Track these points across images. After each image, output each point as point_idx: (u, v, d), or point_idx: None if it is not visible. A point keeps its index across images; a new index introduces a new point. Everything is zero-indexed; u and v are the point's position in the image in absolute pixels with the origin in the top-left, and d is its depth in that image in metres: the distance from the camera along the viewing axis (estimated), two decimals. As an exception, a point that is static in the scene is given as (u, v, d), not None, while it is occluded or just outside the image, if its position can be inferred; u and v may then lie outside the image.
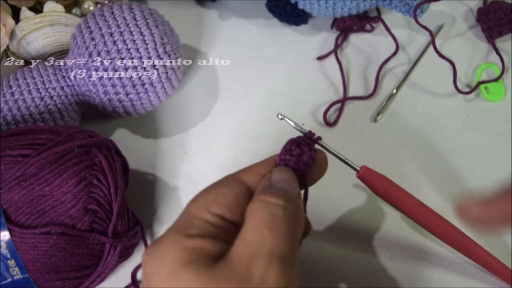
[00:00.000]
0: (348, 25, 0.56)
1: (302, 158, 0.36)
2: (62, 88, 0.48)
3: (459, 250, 0.43)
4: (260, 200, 0.32)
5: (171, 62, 0.47)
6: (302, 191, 0.37)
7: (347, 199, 0.48)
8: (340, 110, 0.53)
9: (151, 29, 0.47)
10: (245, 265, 0.29)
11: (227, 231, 0.33)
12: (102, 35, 0.46)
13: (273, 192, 0.32)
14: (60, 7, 0.53)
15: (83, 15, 0.57)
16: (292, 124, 0.39)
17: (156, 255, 0.31)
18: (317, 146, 0.38)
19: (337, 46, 0.56)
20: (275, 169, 0.35)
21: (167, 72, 0.47)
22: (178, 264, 0.30)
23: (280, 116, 0.39)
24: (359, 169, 0.41)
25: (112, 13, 0.47)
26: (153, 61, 0.46)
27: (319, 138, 0.38)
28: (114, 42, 0.46)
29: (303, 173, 0.36)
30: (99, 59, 0.46)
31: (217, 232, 0.32)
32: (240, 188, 0.34)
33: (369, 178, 0.41)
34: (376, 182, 0.42)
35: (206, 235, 0.31)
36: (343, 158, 0.40)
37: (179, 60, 0.49)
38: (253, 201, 0.32)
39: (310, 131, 0.38)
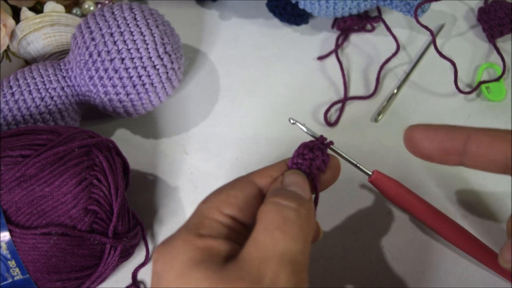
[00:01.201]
0: (348, 25, 0.56)
1: (314, 163, 0.36)
2: (62, 88, 0.48)
3: (470, 254, 0.43)
4: (273, 202, 0.32)
5: (171, 62, 0.47)
6: (313, 195, 0.37)
7: (347, 200, 0.48)
8: (341, 110, 0.53)
9: (151, 29, 0.47)
10: (256, 266, 0.29)
11: (238, 232, 0.33)
12: (103, 35, 0.46)
13: (285, 194, 0.33)
14: (60, 7, 0.53)
15: (83, 15, 0.57)
16: (304, 128, 0.39)
17: (166, 253, 0.31)
18: (329, 151, 0.38)
19: (338, 46, 0.56)
20: (287, 172, 0.36)
21: (167, 72, 0.47)
22: (188, 263, 0.30)
23: (292, 121, 0.40)
24: (370, 173, 0.41)
25: (113, 13, 0.47)
26: (154, 61, 0.46)
27: (331, 142, 0.38)
28: (115, 42, 0.46)
29: (314, 177, 0.36)
30: (100, 59, 0.46)
31: (228, 232, 0.32)
32: (251, 189, 0.34)
33: (380, 182, 0.42)
34: (387, 186, 0.42)
35: (217, 235, 0.32)
36: (355, 163, 0.40)
37: (179, 60, 0.49)
38: (265, 203, 0.32)
39: (322, 136, 0.38)
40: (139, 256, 0.47)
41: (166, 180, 0.51)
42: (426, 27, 0.51)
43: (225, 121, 0.53)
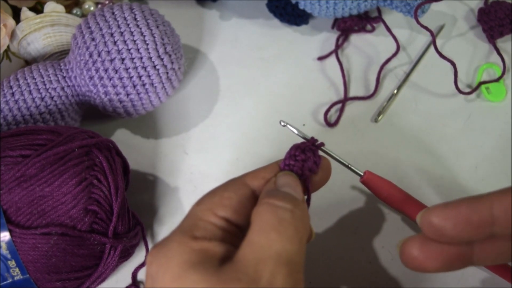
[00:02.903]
0: (348, 25, 0.56)
1: (306, 164, 0.36)
2: (62, 88, 0.48)
3: None
4: (267, 203, 0.32)
5: (171, 62, 0.47)
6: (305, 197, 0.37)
7: (348, 200, 0.48)
8: (341, 110, 0.53)
9: (151, 30, 0.47)
10: (252, 268, 0.29)
11: (232, 234, 0.33)
12: (103, 36, 0.46)
13: (280, 195, 0.33)
14: (60, 8, 0.53)
15: (83, 15, 0.57)
16: (295, 131, 0.39)
17: (161, 256, 0.31)
18: (320, 152, 0.38)
19: (338, 46, 0.56)
20: (280, 173, 0.36)
21: (167, 73, 0.47)
22: (184, 265, 0.30)
23: (282, 123, 0.40)
24: (362, 174, 0.41)
25: (113, 13, 0.47)
26: (154, 62, 0.46)
27: (322, 144, 0.38)
28: (115, 43, 0.46)
29: (306, 179, 0.36)
30: (100, 59, 0.46)
31: (223, 234, 0.32)
32: (245, 191, 0.34)
33: (372, 183, 0.42)
34: (379, 187, 0.42)
35: (212, 237, 0.32)
36: (347, 164, 0.41)
37: (179, 61, 0.49)
38: (260, 204, 0.32)
39: (313, 137, 0.38)
40: (139, 256, 0.47)
41: (166, 180, 0.51)
42: (426, 28, 0.51)
43: (225, 122, 0.53)
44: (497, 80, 0.53)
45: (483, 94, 0.53)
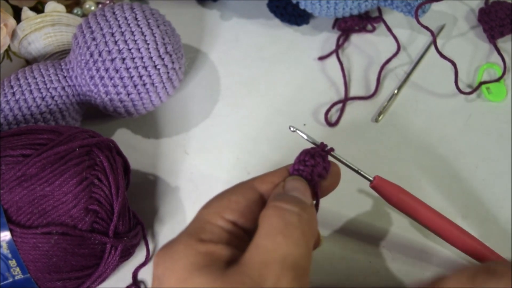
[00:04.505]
0: (349, 25, 0.56)
1: (315, 169, 0.36)
2: (63, 88, 0.48)
3: (475, 258, 0.43)
4: (274, 206, 0.32)
5: (172, 62, 0.47)
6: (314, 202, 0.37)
7: (349, 201, 0.48)
8: (342, 110, 0.53)
9: (152, 29, 0.47)
10: (258, 271, 0.29)
11: (239, 238, 0.33)
12: (104, 35, 0.46)
13: (287, 199, 0.33)
14: (61, 7, 0.53)
15: (84, 15, 0.57)
16: (305, 136, 0.39)
17: (168, 258, 0.31)
18: (330, 157, 0.38)
19: (339, 46, 0.56)
20: (289, 178, 0.36)
21: (168, 72, 0.47)
22: (190, 268, 0.30)
23: (292, 129, 0.40)
24: (372, 179, 0.41)
25: (114, 13, 0.47)
26: (155, 61, 0.46)
27: (332, 149, 0.38)
28: (116, 42, 0.46)
29: (315, 184, 0.36)
30: (101, 59, 0.46)
31: (230, 238, 0.32)
32: (253, 195, 0.34)
33: (382, 188, 0.42)
34: (389, 192, 0.42)
35: (218, 241, 0.32)
36: (357, 169, 0.40)
37: (180, 60, 0.49)
38: (267, 208, 0.32)
39: (322, 143, 0.38)
40: (139, 256, 0.47)
41: (166, 180, 0.51)
42: (426, 28, 0.51)
43: (226, 121, 0.53)
44: (498, 80, 0.53)
45: (484, 94, 0.53)
